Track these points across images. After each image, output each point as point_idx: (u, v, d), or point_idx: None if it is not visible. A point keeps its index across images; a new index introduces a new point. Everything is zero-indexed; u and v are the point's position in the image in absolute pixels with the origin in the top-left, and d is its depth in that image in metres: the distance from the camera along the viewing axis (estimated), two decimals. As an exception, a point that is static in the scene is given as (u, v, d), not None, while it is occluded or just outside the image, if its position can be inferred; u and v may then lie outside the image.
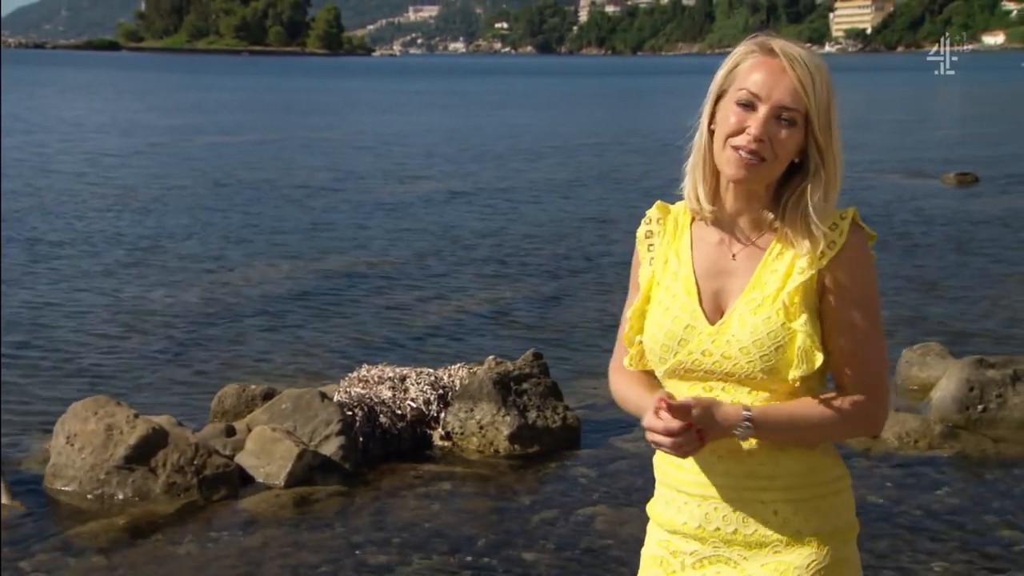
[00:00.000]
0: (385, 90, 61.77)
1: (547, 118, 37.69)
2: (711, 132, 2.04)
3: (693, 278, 2.08)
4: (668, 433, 1.94)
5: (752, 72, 1.98)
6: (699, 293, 2.07)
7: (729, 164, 1.99)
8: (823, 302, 2.01)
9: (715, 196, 2.07)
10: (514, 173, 20.21)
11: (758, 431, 1.98)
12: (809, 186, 1.99)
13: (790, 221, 2.01)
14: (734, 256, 2.07)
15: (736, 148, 1.97)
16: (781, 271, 2.01)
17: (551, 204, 16.25)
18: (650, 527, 2.19)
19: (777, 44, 1.98)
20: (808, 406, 2.02)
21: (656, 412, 1.96)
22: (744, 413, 1.97)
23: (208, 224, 14.20)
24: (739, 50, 2.03)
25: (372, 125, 33.13)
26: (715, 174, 2.06)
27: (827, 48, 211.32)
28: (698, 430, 1.95)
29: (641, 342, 2.12)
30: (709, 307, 2.06)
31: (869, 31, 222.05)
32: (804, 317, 1.98)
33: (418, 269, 11.37)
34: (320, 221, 14.58)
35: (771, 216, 2.04)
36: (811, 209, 1.99)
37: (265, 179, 19.09)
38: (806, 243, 1.99)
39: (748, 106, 1.97)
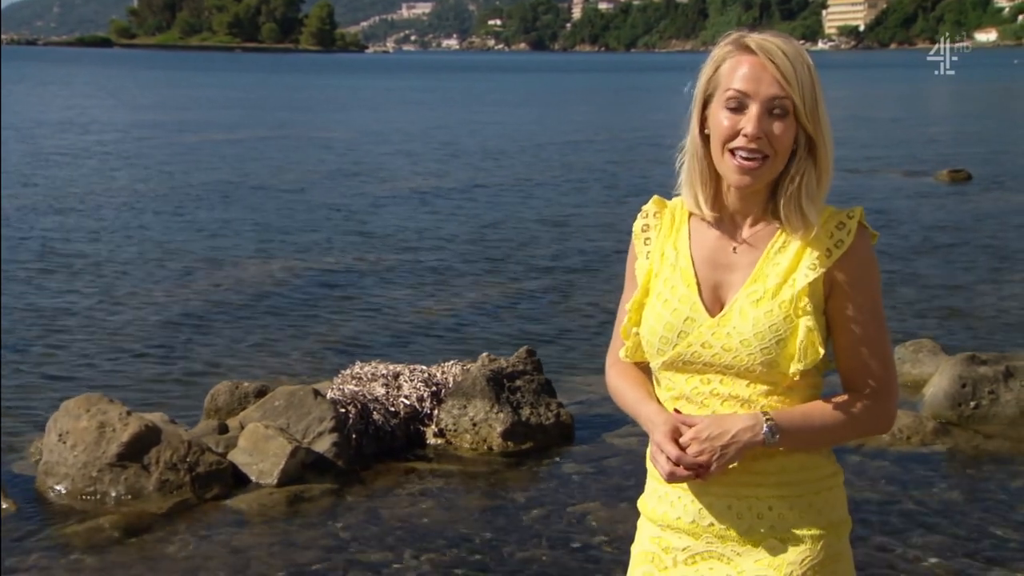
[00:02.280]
0: (376, 87, 61.72)
1: (537, 114, 37.68)
2: (705, 137, 2.04)
3: (692, 270, 2.08)
4: (681, 463, 1.98)
5: (735, 72, 1.98)
6: (699, 285, 2.07)
7: (732, 171, 1.99)
8: (830, 302, 2.02)
9: (716, 200, 2.07)
10: (505, 170, 20.20)
11: (781, 433, 1.98)
12: (802, 171, 1.99)
13: (785, 208, 2.01)
14: (734, 249, 2.06)
15: (735, 152, 1.97)
16: (784, 265, 2.01)
17: (543, 201, 16.25)
18: (641, 522, 2.19)
19: (752, 40, 1.98)
20: (822, 408, 2.03)
21: (671, 437, 2.00)
22: (762, 416, 1.99)
23: (197, 222, 14.18)
24: (716, 52, 2.02)
25: (363, 122, 33.11)
26: (714, 179, 2.06)
27: (820, 45, 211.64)
28: (700, 467, 1.98)
29: (638, 334, 2.12)
30: (709, 299, 2.06)
31: (862, 28, 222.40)
32: (809, 314, 1.98)
33: (411, 266, 11.36)
34: (311, 218, 14.56)
35: (771, 211, 2.04)
36: (803, 194, 1.99)
37: (247, 177, 19.07)
38: (801, 229, 2.00)
39: (738, 108, 1.97)
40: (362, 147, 24.93)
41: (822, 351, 1.99)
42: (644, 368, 2.18)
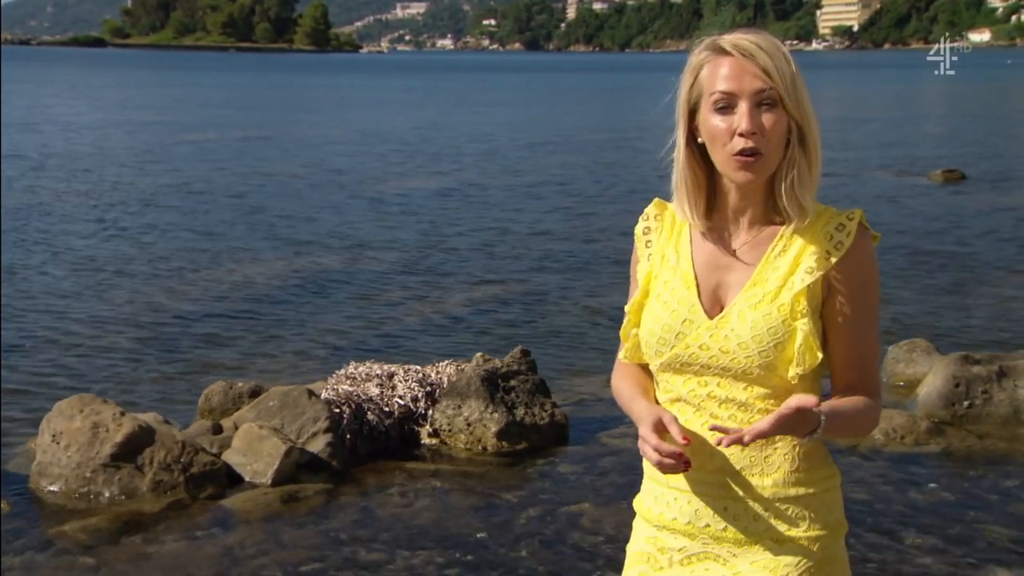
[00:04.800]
0: (369, 87, 61.70)
1: (530, 115, 37.69)
2: (699, 146, 2.04)
3: (692, 272, 2.08)
4: (658, 451, 1.96)
5: (716, 74, 1.98)
6: (698, 287, 2.07)
7: (734, 172, 1.99)
8: (827, 303, 2.02)
9: (712, 206, 2.07)
10: (499, 171, 20.21)
11: (824, 431, 1.96)
12: (794, 160, 1.99)
13: (781, 199, 2.01)
14: (735, 251, 2.06)
15: (734, 154, 1.97)
16: (783, 268, 2.01)
17: (538, 201, 16.25)
18: (637, 522, 2.19)
19: (726, 41, 1.98)
20: (848, 406, 2.01)
21: (653, 429, 1.98)
22: (821, 417, 1.95)
23: (191, 222, 14.16)
24: (693, 60, 2.02)
25: (353, 122, 33.09)
26: (708, 186, 2.06)
27: (814, 45, 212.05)
28: (686, 460, 1.96)
29: (637, 335, 2.12)
30: (708, 301, 2.06)
31: (856, 28, 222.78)
32: (806, 316, 1.98)
33: (404, 266, 11.36)
34: (304, 219, 14.55)
35: (771, 207, 2.04)
36: (797, 182, 1.99)
37: (247, 177, 19.05)
38: (798, 217, 2.00)
39: (727, 108, 1.97)
40: (354, 147, 24.92)
41: (820, 355, 1.99)
42: (647, 369, 2.18)
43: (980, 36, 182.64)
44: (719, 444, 1.94)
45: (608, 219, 14.31)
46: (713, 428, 1.96)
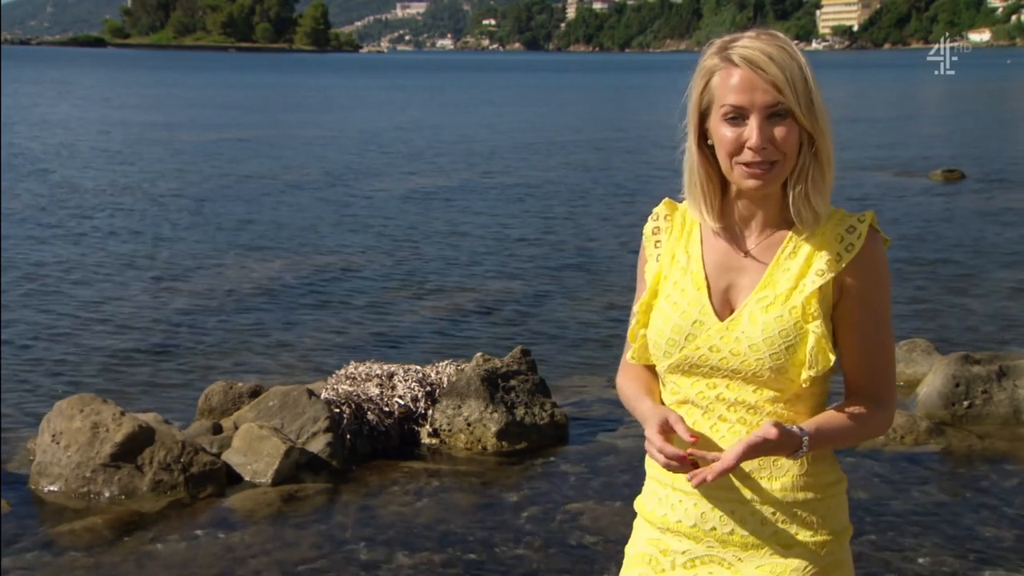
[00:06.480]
0: (366, 87, 61.70)
1: (531, 115, 37.67)
2: (709, 148, 2.03)
3: (703, 273, 2.07)
4: (663, 453, 1.97)
5: (726, 85, 1.96)
6: (708, 288, 2.06)
7: (743, 180, 1.98)
8: (838, 306, 2.01)
9: (724, 208, 2.07)
10: (499, 171, 20.20)
11: (810, 449, 1.98)
12: (807, 167, 1.98)
13: (794, 204, 2.00)
14: (746, 253, 2.05)
15: (744, 164, 1.96)
16: (794, 270, 2.01)
17: (538, 202, 16.25)
18: (638, 523, 2.18)
19: (736, 53, 1.95)
20: (841, 418, 2.02)
21: (659, 429, 1.98)
22: (804, 438, 1.97)
23: (192, 222, 14.16)
24: (705, 63, 2.00)
25: (353, 121, 33.09)
26: (720, 188, 2.06)
27: (814, 45, 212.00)
28: (692, 462, 1.96)
29: (645, 336, 2.11)
30: (718, 303, 2.04)
31: (856, 28, 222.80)
32: (819, 319, 1.98)
33: (405, 266, 11.36)
34: (304, 218, 14.55)
35: (782, 211, 2.04)
36: (810, 188, 1.98)
37: (244, 176, 19.05)
38: (811, 223, 2.00)
39: (738, 119, 1.96)
40: (353, 145, 24.92)
41: (833, 358, 1.98)
42: (653, 370, 2.17)
43: (980, 36, 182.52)
44: (690, 481, 1.95)
45: (608, 219, 14.31)
46: (690, 454, 1.96)
